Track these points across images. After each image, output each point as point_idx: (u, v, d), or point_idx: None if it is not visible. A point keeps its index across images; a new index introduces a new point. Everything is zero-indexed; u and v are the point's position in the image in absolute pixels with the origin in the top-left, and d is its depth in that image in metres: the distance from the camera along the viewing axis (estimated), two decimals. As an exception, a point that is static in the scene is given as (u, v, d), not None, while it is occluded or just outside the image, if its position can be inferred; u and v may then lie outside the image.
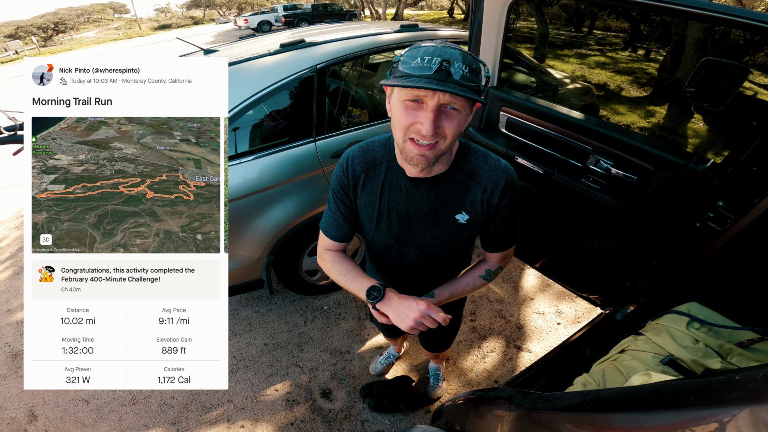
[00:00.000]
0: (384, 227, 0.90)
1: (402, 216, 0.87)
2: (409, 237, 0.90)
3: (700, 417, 0.36)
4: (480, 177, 0.82)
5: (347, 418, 1.69)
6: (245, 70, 1.76)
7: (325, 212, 0.96)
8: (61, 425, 1.71)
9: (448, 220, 0.85)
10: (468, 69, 0.65)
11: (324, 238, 0.96)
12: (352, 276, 0.89)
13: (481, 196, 0.82)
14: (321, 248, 0.98)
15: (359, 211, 0.92)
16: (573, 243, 1.61)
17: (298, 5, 21.55)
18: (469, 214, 0.84)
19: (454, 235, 0.87)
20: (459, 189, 0.83)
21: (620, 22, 3.97)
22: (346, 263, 0.93)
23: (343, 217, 0.92)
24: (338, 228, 0.94)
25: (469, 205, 0.83)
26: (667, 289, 1.33)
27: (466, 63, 0.65)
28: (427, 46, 0.66)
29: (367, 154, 0.87)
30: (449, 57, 0.64)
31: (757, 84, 2.41)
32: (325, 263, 0.96)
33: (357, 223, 0.96)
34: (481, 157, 0.83)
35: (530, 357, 1.92)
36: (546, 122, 1.45)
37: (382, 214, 0.89)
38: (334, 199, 0.92)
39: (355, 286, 0.87)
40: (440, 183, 0.82)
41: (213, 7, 52.51)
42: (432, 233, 0.88)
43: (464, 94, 0.64)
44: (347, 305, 2.26)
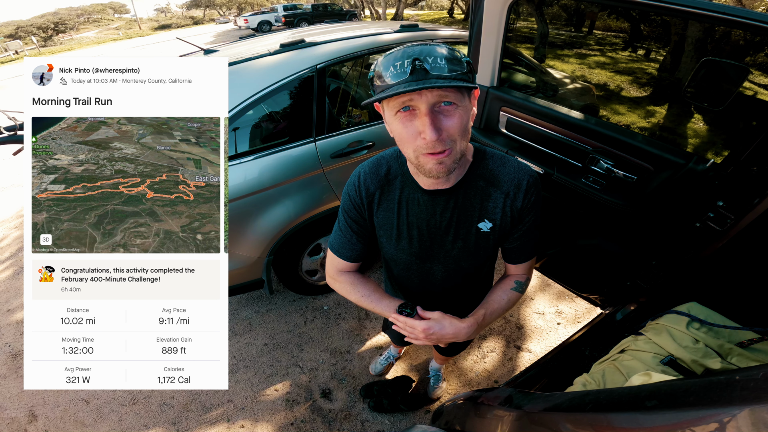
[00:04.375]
0: (405, 244, 0.86)
1: (422, 231, 0.83)
2: (431, 252, 0.86)
3: (700, 417, 0.36)
4: (500, 181, 0.78)
5: (347, 418, 1.69)
6: (245, 70, 1.76)
7: (334, 233, 0.91)
8: (61, 425, 1.71)
9: (471, 230, 0.81)
10: (444, 60, 0.61)
11: (336, 259, 0.91)
12: (376, 297, 0.86)
13: (504, 201, 0.78)
14: (333, 270, 0.93)
15: (377, 228, 0.88)
16: (573, 243, 1.61)
17: (298, 5, 21.55)
18: (492, 221, 0.80)
19: (478, 245, 0.84)
20: (479, 196, 0.79)
21: (620, 22, 3.96)
22: (366, 284, 0.89)
23: (356, 237, 0.88)
24: (351, 248, 0.89)
25: (491, 212, 0.79)
26: (667, 289, 1.32)
27: (440, 55, 0.61)
28: (396, 51, 0.63)
29: (380, 169, 0.83)
30: (420, 54, 0.60)
31: (757, 84, 2.41)
32: (342, 285, 0.91)
33: (371, 241, 0.92)
34: (499, 161, 0.79)
35: (530, 357, 1.92)
36: (546, 122, 1.45)
37: (402, 230, 0.85)
38: (345, 218, 0.87)
39: (381, 307, 0.85)
40: (458, 192, 0.78)
41: (213, 7, 52.50)
42: (455, 246, 0.84)
43: (448, 84, 0.59)
44: (347, 305, 2.26)
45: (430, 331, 0.76)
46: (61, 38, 39.88)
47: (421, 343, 0.80)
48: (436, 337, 0.77)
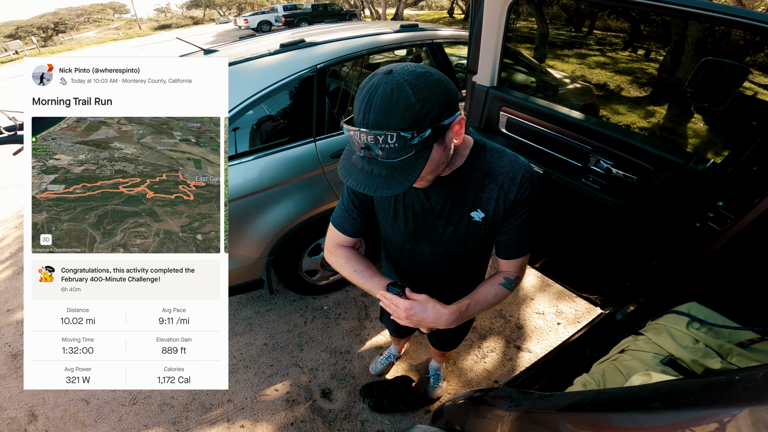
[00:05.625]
0: (400, 224, 0.90)
1: (417, 213, 0.87)
2: (424, 234, 0.90)
3: (700, 417, 0.36)
4: (496, 174, 0.80)
5: (347, 418, 1.69)
6: (245, 70, 1.76)
7: (337, 207, 0.95)
8: (61, 425, 1.71)
9: (463, 218, 0.84)
10: (389, 144, 0.61)
11: (335, 232, 0.94)
12: (367, 274, 0.88)
13: (498, 193, 0.80)
14: (331, 243, 0.96)
15: (376, 206, 0.92)
16: (573, 243, 1.61)
17: (298, 5, 21.55)
18: (484, 211, 0.82)
19: (468, 233, 0.86)
20: (474, 186, 0.81)
21: (620, 22, 3.96)
22: (360, 261, 0.92)
23: (357, 212, 0.91)
24: (351, 223, 0.92)
25: (485, 202, 0.82)
26: (667, 289, 1.33)
27: (384, 139, 0.60)
28: (358, 108, 0.62)
29: None
30: (369, 142, 0.62)
31: (757, 84, 2.41)
32: (337, 259, 0.94)
33: (370, 218, 0.95)
34: (497, 154, 0.81)
35: (530, 357, 1.92)
36: (546, 122, 1.45)
37: (398, 210, 0.88)
38: (349, 193, 0.91)
39: (370, 284, 0.87)
40: (455, 180, 0.81)
41: (213, 7, 52.51)
42: (446, 230, 0.87)
43: (389, 171, 0.63)
44: (347, 305, 2.26)
45: (411, 311, 0.78)
46: (61, 38, 39.88)
47: (405, 323, 0.81)
48: (417, 319, 0.78)
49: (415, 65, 0.63)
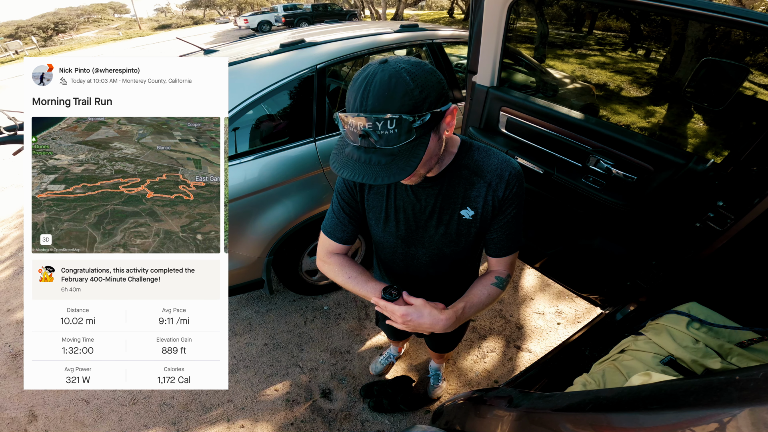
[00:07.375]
0: (392, 227, 0.90)
1: (408, 215, 0.87)
2: (416, 236, 0.90)
3: (700, 417, 0.36)
4: (483, 172, 0.81)
5: (347, 418, 1.69)
6: (245, 70, 1.76)
7: (327, 214, 0.94)
8: (61, 425, 1.71)
9: (453, 217, 0.85)
10: (388, 130, 0.61)
11: (327, 240, 0.94)
12: (362, 279, 0.88)
13: (486, 191, 0.81)
14: (324, 252, 0.95)
15: (367, 211, 0.92)
16: (573, 243, 1.61)
17: (298, 5, 21.54)
18: (474, 209, 0.83)
19: (460, 232, 0.87)
20: (463, 185, 0.82)
21: (620, 22, 3.97)
22: (354, 267, 0.91)
23: (348, 218, 0.91)
24: (343, 230, 0.92)
25: (474, 200, 0.83)
26: (667, 289, 1.33)
27: (383, 125, 0.61)
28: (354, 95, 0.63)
29: None
30: (368, 128, 0.61)
31: (757, 84, 2.41)
32: (330, 267, 0.94)
33: (361, 224, 0.95)
34: (484, 153, 0.82)
35: (530, 357, 1.92)
36: (546, 122, 1.45)
37: (390, 213, 0.88)
38: (338, 200, 0.91)
39: (366, 289, 0.86)
40: (444, 180, 0.82)
41: (213, 7, 52.50)
42: (438, 231, 0.87)
43: (388, 158, 0.63)
44: (347, 305, 2.26)
45: (408, 317, 0.78)
46: (61, 38, 39.87)
47: (402, 328, 0.81)
48: (413, 324, 0.78)
49: (409, 56, 0.64)
